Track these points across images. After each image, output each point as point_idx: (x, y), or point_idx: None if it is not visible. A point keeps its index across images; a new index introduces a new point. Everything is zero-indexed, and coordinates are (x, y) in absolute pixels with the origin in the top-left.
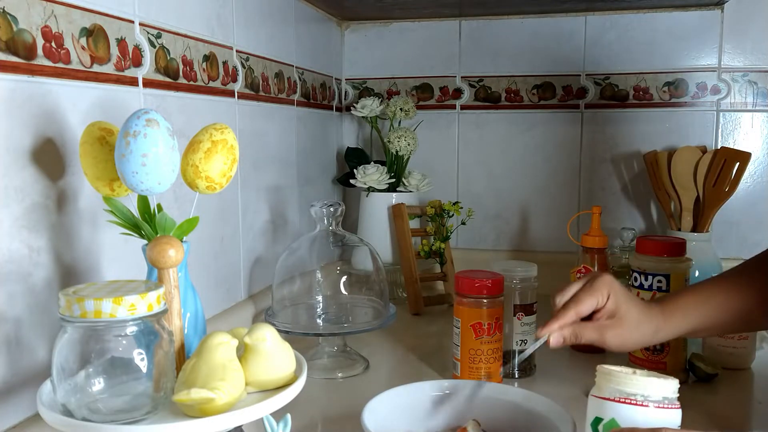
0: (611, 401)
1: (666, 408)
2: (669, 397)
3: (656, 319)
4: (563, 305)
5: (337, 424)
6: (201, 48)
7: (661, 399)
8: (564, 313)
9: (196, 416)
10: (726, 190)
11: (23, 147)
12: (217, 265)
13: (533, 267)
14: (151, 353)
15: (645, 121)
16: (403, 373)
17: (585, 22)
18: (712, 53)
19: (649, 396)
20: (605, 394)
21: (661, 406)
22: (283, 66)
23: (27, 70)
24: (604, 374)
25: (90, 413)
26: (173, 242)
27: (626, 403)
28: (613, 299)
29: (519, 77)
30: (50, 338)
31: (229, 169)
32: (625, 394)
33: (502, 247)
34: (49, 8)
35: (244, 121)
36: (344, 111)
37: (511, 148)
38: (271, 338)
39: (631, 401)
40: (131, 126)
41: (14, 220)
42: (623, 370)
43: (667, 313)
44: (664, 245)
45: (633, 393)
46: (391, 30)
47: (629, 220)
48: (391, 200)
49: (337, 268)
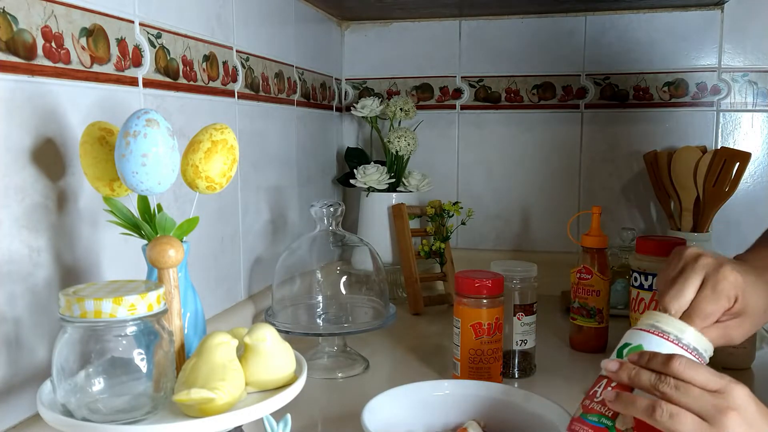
0: (645, 332)
1: (691, 354)
2: (698, 349)
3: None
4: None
5: (337, 424)
6: (201, 48)
7: (692, 347)
8: None
9: (196, 416)
10: (726, 190)
11: (23, 147)
12: (217, 265)
13: (533, 267)
14: (151, 353)
15: (645, 121)
16: (403, 373)
17: (585, 22)
18: (712, 53)
19: (682, 339)
20: (642, 326)
21: (689, 351)
22: (283, 66)
23: (27, 70)
24: (649, 312)
25: (90, 413)
26: (173, 242)
27: (658, 335)
28: (741, 301)
29: (519, 77)
30: (50, 338)
31: (229, 169)
32: (660, 330)
33: (502, 247)
34: (49, 8)
35: (244, 121)
36: (344, 111)
37: (511, 148)
38: (271, 338)
39: (663, 335)
40: (131, 126)
41: (14, 220)
42: (666, 314)
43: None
44: (664, 245)
45: (668, 330)
46: (391, 30)
47: (629, 220)
48: (391, 200)
49: (337, 268)
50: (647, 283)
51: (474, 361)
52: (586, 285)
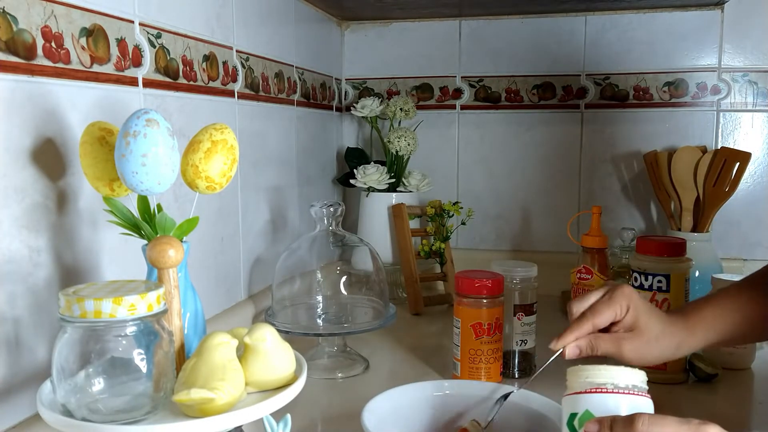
0: (582, 394)
1: (637, 395)
2: (638, 385)
3: (679, 333)
4: (580, 315)
5: (337, 424)
6: (201, 48)
7: (631, 386)
8: (580, 323)
9: (196, 416)
10: (726, 190)
11: (23, 147)
12: (217, 265)
13: (533, 267)
14: (151, 353)
15: (645, 121)
16: (403, 373)
17: (585, 22)
18: (712, 53)
19: (618, 384)
20: (576, 389)
21: (631, 392)
22: (283, 66)
23: (27, 70)
24: (573, 372)
25: (90, 413)
26: (173, 242)
27: (597, 392)
28: (632, 312)
29: (519, 77)
30: (50, 338)
31: (229, 169)
32: (595, 385)
33: (502, 247)
34: (49, 8)
35: (244, 121)
36: (344, 111)
37: (511, 148)
38: (271, 338)
39: (601, 390)
40: (131, 126)
41: (14, 220)
42: (590, 366)
43: (690, 327)
44: (664, 245)
45: (602, 382)
46: (391, 30)
47: (629, 220)
48: (391, 200)
49: (337, 268)
50: (647, 283)
51: (474, 361)
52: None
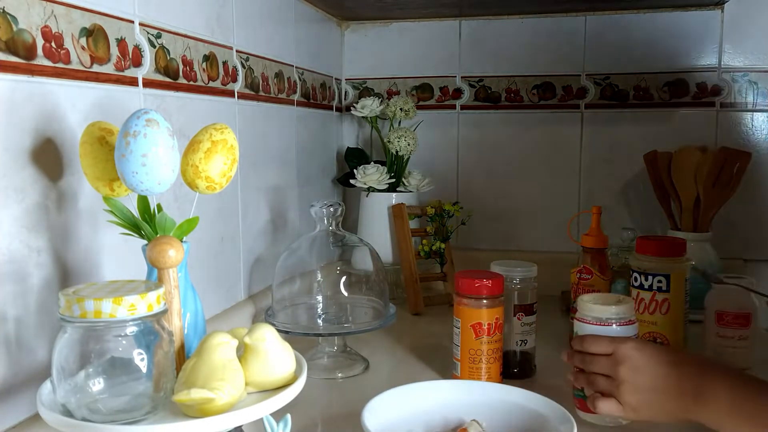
0: (576, 320)
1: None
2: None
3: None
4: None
5: (337, 424)
6: (201, 48)
7: (595, 318)
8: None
9: (196, 416)
10: (726, 191)
11: (23, 147)
12: (217, 265)
13: (533, 267)
14: (151, 353)
15: (645, 121)
16: (403, 373)
17: (585, 22)
18: (712, 53)
19: (587, 316)
20: (576, 316)
21: (596, 323)
22: (283, 66)
23: (27, 70)
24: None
25: (90, 413)
26: (173, 242)
27: (579, 321)
28: None
29: (519, 77)
30: (50, 338)
31: (229, 169)
32: (580, 315)
33: (502, 247)
34: (49, 8)
35: (244, 121)
36: (344, 111)
37: (511, 148)
38: (271, 338)
39: (582, 319)
40: (131, 126)
41: (14, 220)
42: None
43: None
44: (664, 245)
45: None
46: (391, 30)
47: (629, 220)
48: (391, 200)
49: (337, 268)
50: (647, 283)
51: (474, 361)
52: (586, 285)
